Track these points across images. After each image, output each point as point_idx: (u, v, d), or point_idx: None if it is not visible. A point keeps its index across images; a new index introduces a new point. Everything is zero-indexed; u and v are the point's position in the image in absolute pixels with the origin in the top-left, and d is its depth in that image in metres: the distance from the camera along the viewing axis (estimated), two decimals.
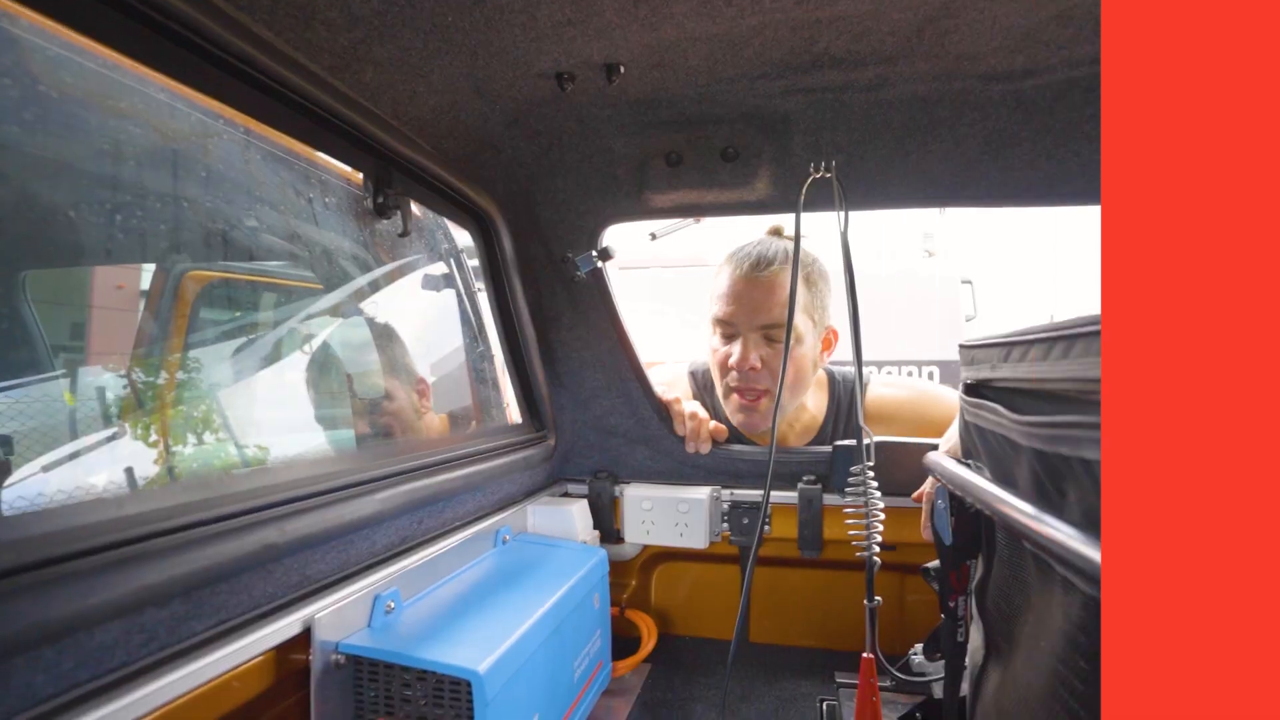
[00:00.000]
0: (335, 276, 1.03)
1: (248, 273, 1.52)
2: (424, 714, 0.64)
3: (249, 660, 0.56)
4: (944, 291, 2.52)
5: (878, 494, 0.76)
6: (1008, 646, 0.62)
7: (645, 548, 1.26)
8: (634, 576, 1.28)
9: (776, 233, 1.23)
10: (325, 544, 0.63)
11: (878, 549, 0.75)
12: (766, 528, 1.15)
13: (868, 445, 0.78)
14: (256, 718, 0.63)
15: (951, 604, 0.70)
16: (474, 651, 0.64)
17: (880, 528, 0.76)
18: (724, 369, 1.17)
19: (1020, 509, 0.40)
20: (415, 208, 1.09)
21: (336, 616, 0.64)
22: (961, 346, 0.71)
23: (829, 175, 0.84)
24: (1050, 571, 0.50)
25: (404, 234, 0.87)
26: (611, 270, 1.17)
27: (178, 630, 0.51)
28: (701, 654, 1.20)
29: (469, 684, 0.61)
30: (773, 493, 1.15)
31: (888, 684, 0.86)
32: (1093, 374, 0.39)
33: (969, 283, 2.60)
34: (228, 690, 0.54)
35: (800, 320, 1.15)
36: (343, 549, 0.66)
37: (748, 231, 1.29)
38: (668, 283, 2.79)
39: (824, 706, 0.86)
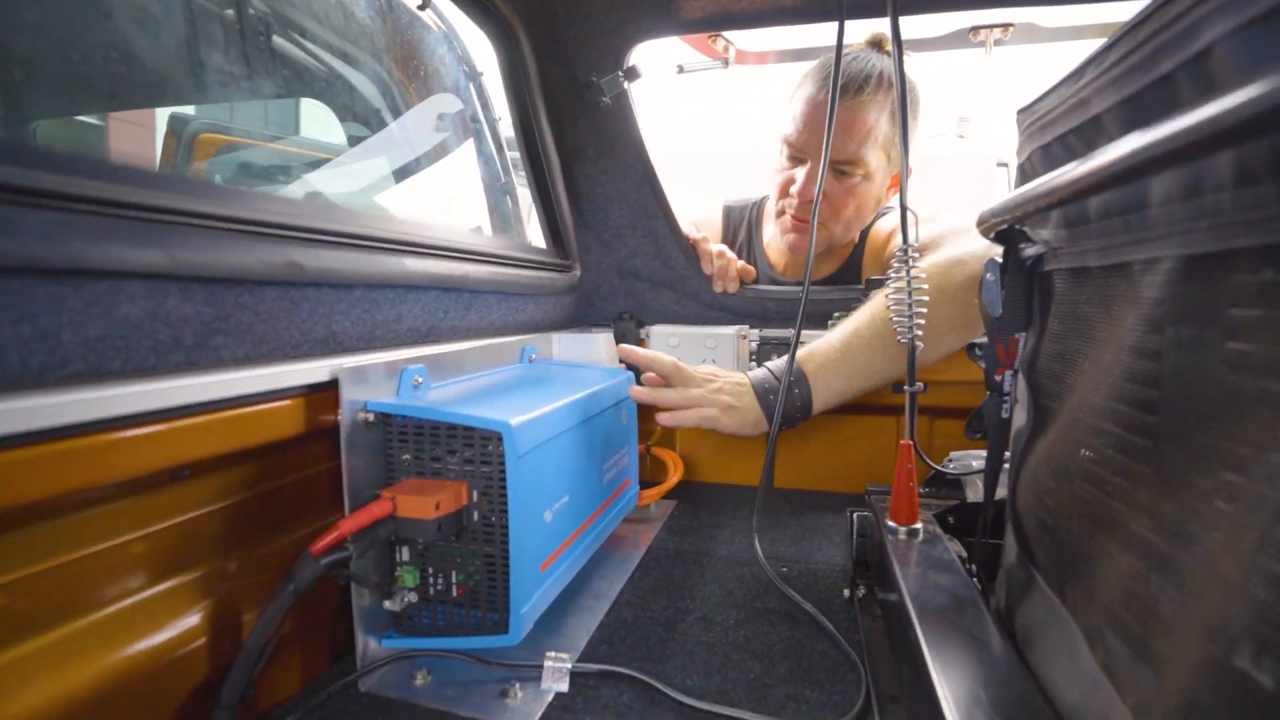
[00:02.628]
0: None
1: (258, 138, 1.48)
2: (455, 475, 0.63)
3: (278, 394, 0.55)
4: (979, 173, 2.41)
5: (921, 275, 0.73)
6: (1058, 406, 0.60)
7: None
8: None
9: (876, 44, 1.13)
10: (350, 291, 0.61)
11: (919, 331, 0.73)
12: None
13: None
14: (289, 470, 0.63)
15: (998, 378, 0.67)
16: (505, 413, 0.62)
17: (924, 310, 0.72)
18: (783, 191, 1.14)
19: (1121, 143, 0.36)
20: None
21: (363, 379, 0.63)
22: (1020, 111, 0.66)
23: None
24: (1123, 275, 0.46)
25: (423, 7, 0.81)
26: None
27: (204, 345, 0.50)
28: (727, 496, 1.20)
29: (499, 437, 0.60)
30: (803, 331, 1.13)
31: (924, 490, 0.85)
32: None
33: (1004, 165, 2.49)
34: (258, 421, 0.54)
35: (873, 156, 1.10)
36: (368, 308, 0.65)
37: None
38: (694, 168, 2.71)
39: (854, 516, 0.85)
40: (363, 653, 0.62)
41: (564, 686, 0.61)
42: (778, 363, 0.92)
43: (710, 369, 0.94)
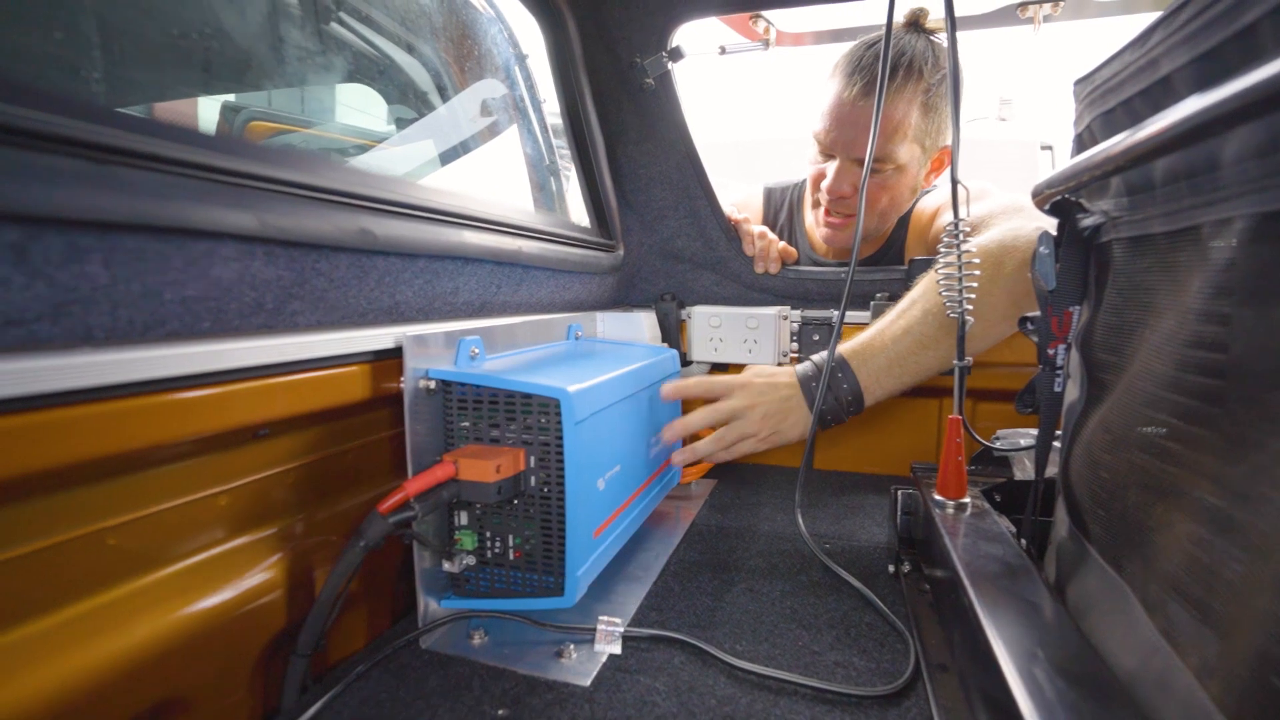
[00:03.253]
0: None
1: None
2: (512, 442, 0.65)
3: (348, 358, 0.57)
4: (1022, 157, 2.36)
5: (972, 248, 0.73)
6: (1115, 379, 0.59)
7: (711, 370, 1.26)
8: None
9: (914, 24, 1.11)
10: (415, 261, 0.63)
11: (970, 306, 0.72)
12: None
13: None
14: (354, 435, 0.66)
15: (1051, 352, 0.67)
16: (561, 381, 0.64)
17: (974, 284, 0.72)
18: (815, 184, 1.14)
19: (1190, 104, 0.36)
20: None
21: (424, 348, 0.65)
22: (1077, 81, 0.65)
23: None
24: (1190, 239, 0.46)
25: None
26: None
27: (283, 309, 0.52)
28: (766, 477, 1.21)
29: (557, 404, 0.62)
30: (846, 313, 1.13)
31: (970, 467, 0.85)
32: None
33: (1049, 148, 2.43)
34: (330, 385, 0.56)
35: (904, 150, 1.08)
36: (429, 279, 0.67)
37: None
38: (732, 157, 2.70)
39: (899, 494, 0.85)
40: (424, 612, 0.65)
41: (617, 649, 0.63)
42: (822, 356, 0.92)
43: (756, 389, 0.89)
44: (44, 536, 0.40)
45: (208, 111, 1.52)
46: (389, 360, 0.62)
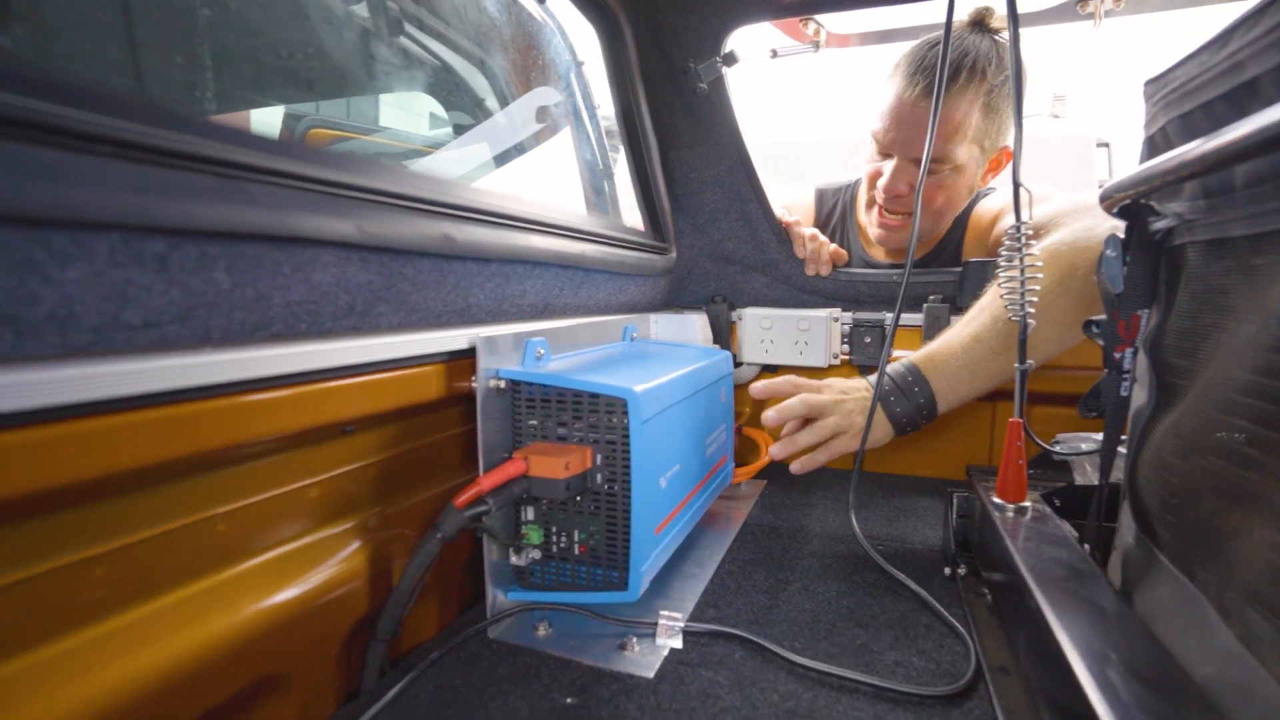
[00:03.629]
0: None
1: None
2: (578, 440, 0.67)
3: (426, 358, 0.60)
4: (1077, 154, 2.29)
5: (1034, 250, 0.72)
6: (1186, 383, 0.58)
7: (761, 372, 1.26)
8: (749, 404, 1.29)
9: (979, 23, 1.10)
10: (488, 265, 0.66)
11: (1031, 309, 0.72)
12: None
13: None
14: (427, 431, 0.69)
15: (1117, 355, 0.66)
16: (627, 382, 0.66)
17: (1036, 287, 0.72)
18: (872, 183, 1.14)
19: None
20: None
21: (494, 348, 0.67)
22: (1148, 82, 0.64)
23: None
24: (1274, 243, 0.45)
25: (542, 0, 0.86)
26: None
27: (370, 311, 0.55)
28: (816, 478, 1.21)
29: (624, 404, 0.64)
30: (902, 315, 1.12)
31: (1029, 471, 0.84)
32: None
33: (1105, 145, 2.36)
34: (409, 383, 0.59)
35: (962, 150, 1.08)
36: (500, 282, 0.69)
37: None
38: (781, 158, 2.70)
39: (955, 497, 0.85)
40: (491, 603, 0.67)
41: (678, 643, 0.65)
42: (898, 368, 0.93)
43: (839, 388, 0.94)
44: (166, 521, 0.43)
45: (272, 118, 1.58)
46: (462, 360, 0.65)
